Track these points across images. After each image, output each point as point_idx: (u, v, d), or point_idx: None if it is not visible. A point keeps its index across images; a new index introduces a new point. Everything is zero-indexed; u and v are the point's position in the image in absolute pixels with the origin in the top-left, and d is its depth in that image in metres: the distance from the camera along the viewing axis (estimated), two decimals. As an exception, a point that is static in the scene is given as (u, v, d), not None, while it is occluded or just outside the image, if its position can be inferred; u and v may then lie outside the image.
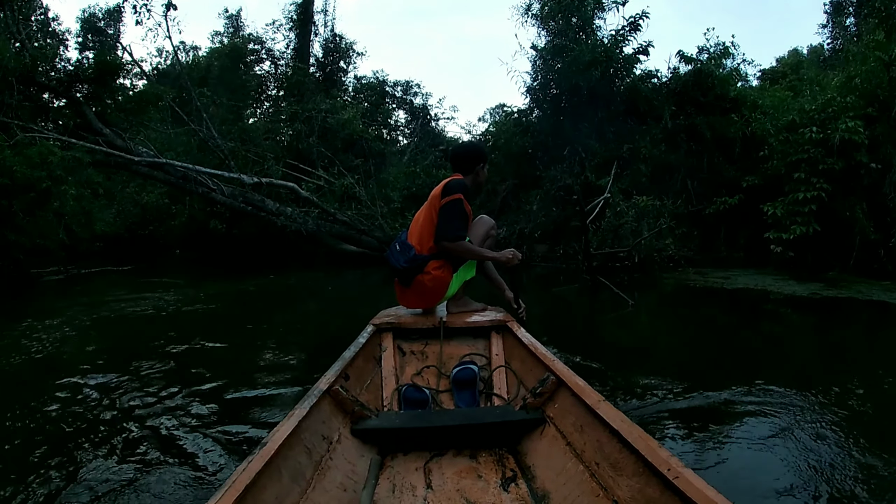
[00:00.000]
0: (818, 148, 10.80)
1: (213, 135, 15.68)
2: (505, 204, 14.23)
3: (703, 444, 2.76)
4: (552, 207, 12.82)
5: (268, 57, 22.62)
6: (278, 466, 1.45)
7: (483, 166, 3.09)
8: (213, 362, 4.41)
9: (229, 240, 18.33)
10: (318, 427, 1.76)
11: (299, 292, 9.81)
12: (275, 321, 6.50)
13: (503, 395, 2.36)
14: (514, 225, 13.13)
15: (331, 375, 2.02)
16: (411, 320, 2.79)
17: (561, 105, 14.06)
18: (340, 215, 13.64)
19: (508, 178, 14.42)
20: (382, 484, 1.75)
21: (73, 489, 2.25)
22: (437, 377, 2.54)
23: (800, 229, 10.58)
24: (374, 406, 2.24)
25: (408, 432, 1.96)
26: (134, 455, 2.58)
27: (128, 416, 3.11)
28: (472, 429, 1.96)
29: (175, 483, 2.30)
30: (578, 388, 1.85)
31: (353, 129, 18.86)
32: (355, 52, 25.30)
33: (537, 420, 1.96)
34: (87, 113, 14.29)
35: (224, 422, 3.00)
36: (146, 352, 4.61)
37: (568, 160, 13.23)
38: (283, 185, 13.89)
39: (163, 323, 6.24)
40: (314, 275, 12.45)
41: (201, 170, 13.27)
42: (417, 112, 25.52)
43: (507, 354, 2.60)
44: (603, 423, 1.62)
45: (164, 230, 20.47)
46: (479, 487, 1.73)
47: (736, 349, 5.05)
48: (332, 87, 21.81)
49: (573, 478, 1.63)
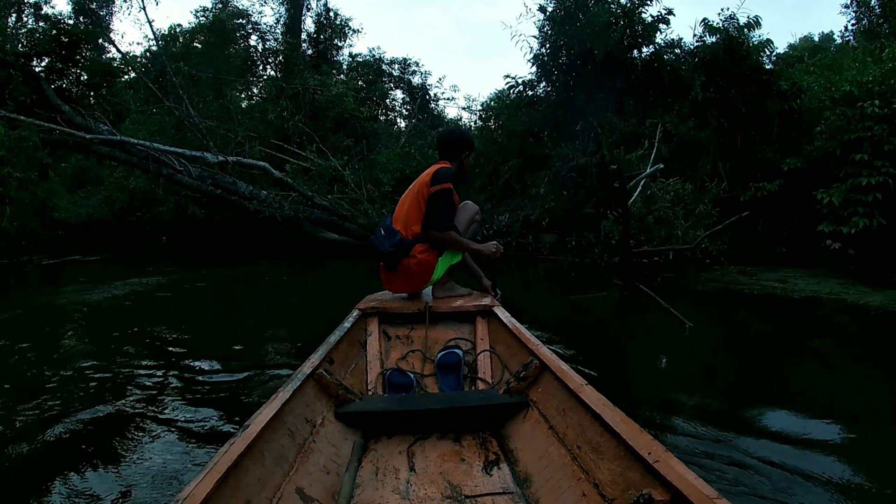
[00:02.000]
0: (882, 125, 8.77)
1: (191, 113, 13.79)
2: (508, 187, 12.19)
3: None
4: (562, 191, 10.81)
5: (254, 31, 20.48)
6: (261, 449, 1.39)
7: (468, 154, 3.02)
8: (185, 355, 4.04)
9: (210, 227, 16.83)
10: (301, 410, 1.70)
11: (262, 288, 7.94)
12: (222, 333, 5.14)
13: (487, 379, 2.31)
14: (519, 211, 11.13)
15: (315, 359, 1.95)
16: (397, 305, 2.72)
17: (572, 74, 11.96)
18: (319, 199, 11.66)
19: (512, 157, 12.33)
20: (366, 467, 1.71)
21: (54, 476, 2.11)
22: (422, 361, 2.48)
23: (862, 222, 8.57)
24: (359, 390, 2.21)
25: (391, 415, 1.91)
26: (116, 440, 2.45)
27: (108, 402, 2.97)
28: (456, 412, 1.92)
29: (157, 467, 2.18)
30: (562, 372, 1.78)
31: (344, 107, 16.99)
32: (351, 30, 23.26)
33: (520, 404, 1.90)
34: (46, 88, 12.45)
35: (205, 406, 2.89)
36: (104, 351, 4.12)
37: (580, 136, 11.19)
38: (251, 165, 11.91)
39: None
40: (286, 266, 10.66)
41: (160, 147, 11.35)
42: (416, 92, 23.43)
43: (492, 339, 2.52)
44: (585, 407, 1.56)
45: (150, 217, 19.09)
46: (462, 470, 1.69)
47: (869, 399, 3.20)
48: (324, 64, 19.75)
49: (555, 461, 1.57)
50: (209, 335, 4.86)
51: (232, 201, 11.94)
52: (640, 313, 5.70)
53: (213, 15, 20.18)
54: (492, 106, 14.50)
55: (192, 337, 4.69)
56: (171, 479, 2.10)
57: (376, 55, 22.78)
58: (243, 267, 10.78)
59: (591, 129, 11.13)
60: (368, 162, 15.16)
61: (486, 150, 13.08)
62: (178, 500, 1.06)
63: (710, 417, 2.74)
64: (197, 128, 13.54)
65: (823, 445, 2.43)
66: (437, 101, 24.28)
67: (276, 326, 5.34)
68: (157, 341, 4.43)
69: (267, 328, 5.23)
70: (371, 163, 15.03)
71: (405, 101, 23.59)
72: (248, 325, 5.41)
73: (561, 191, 10.80)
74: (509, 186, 12.11)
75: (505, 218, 11.07)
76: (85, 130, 11.66)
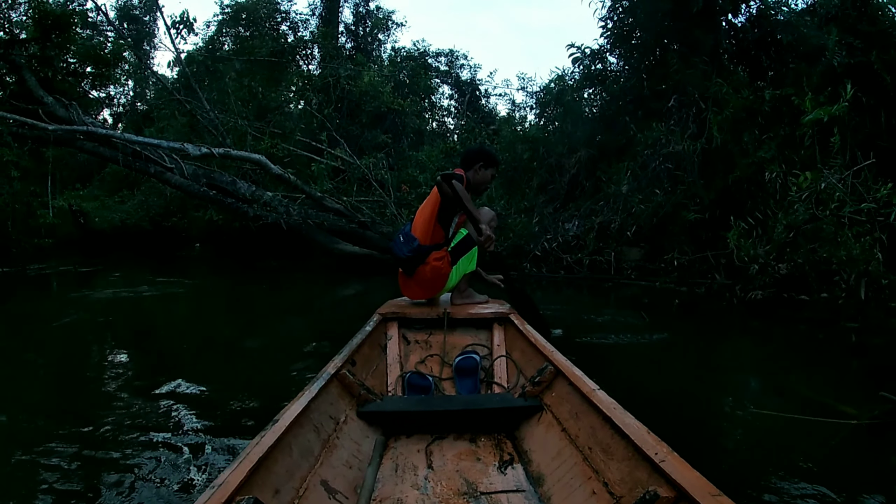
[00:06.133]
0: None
1: (205, 106, 11.29)
2: (576, 185, 8.85)
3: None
4: (654, 188, 7.42)
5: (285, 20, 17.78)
6: (289, 443, 1.41)
7: (483, 166, 2.92)
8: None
9: (245, 233, 14.13)
10: (325, 408, 1.71)
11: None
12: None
13: (503, 383, 2.30)
14: (592, 217, 7.79)
15: (338, 361, 1.96)
16: (416, 311, 2.71)
17: (660, 33, 8.50)
18: (330, 201, 8.75)
19: (579, 147, 8.98)
20: (386, 463, 1.71)
21: (82, 472, 1.99)
22: (441, 365, 2.47)
23: None
24: (380, 391, 2.19)
25: (411, 416, 1.91)
26: (150, 434, 2.34)
27: (140, 399, 2.79)
28: (473, 414, 1.91)
29: (187, 460, 2.08)
30: (575, 377, 1.78)
31: (382, 100, 14.20)
32: (394, 23, 20.28)
33: (535, 407, 1.89)
34: (28, 78, 10.13)
35: (231, 407, 2.70)
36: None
37: (675, 115, 7.76)
38: (243, 158, 9.12)
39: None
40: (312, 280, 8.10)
41: (131, 138, 8.76)
42: (465, 88, 20.26)
43: (508, 345, 2.50)
44: (597, 410, 1.55)
45: (186, 222, 16.83)
46: (478, 469, 1.68)
47: None
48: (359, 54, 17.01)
49: (567, 461, 1.57)
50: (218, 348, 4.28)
51: (228, 205, 9.17)
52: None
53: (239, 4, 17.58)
54: (551, 89, 11.14)
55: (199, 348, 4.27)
56: (202, 472, 1.98)
57: (420, 48, 19.82)
58: (254, 282, 9.08)
59: (692, 104, 7.70)
60: (405, 159, 12.32)
61: (546, 141, 9.83)
62: (214, 486, 1.08)
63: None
64: (212, 123, 11.03)
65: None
66: (489, 98, 20.99)
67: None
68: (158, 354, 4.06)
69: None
70: (410, 160, 12.18)
71: (453, 95, 20.50)
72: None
73: (652, 188, 7.41)
74: (577, 184, 8.78)
75: (573, 226, 7.78)
76: (68, 123, 9.32)
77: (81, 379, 3.38)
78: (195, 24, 13.81)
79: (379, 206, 9.56)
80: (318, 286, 8.32)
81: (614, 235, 7.52)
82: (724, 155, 7.18)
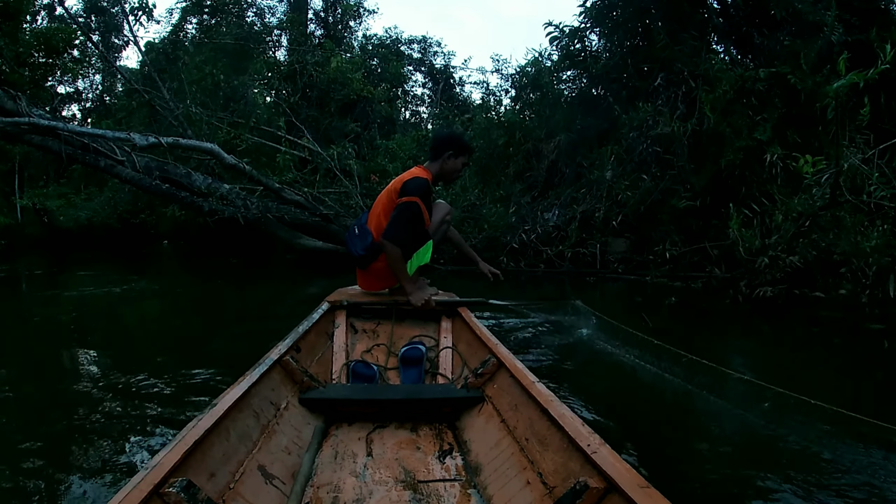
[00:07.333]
0: None
1: (165, 96, 10.31)
2: (555, 172, 8.08)
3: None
4: (641, 174, 6.69)
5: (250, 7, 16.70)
6: (227, 427, 1.37)
7: (452, 155, 2.65)
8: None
9: (210, 229, 13.35)
10: (266, 394, 1.67)
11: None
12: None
13: (447, 374, 2.27)
14: (574, 206, 7.04)
15: (282, 347, 1.91)
16: (365, 300, 2.65)
17: (646, 6, 7.73)
18: (290, 193, 7.89)
19: (559, 132, 8.20)
20: (325, 450, 1.67)
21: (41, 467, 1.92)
22: (387, 355, 2.42)
23: None
24: (324, 378, 2.16)
25: (353, 403, 1.88)
26: (83, 420, 2.36)
27: (102, 394, 2.73)
28: (415, 403, 1.88)
29: (123, 446, 2.08)
30: (516, 370, 1.75)
31: (351, 87, 13.31)
32: (366, 10, 19.28)
33: (476, 398, 1.87)
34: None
35: (173, 391, 2.73)
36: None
37: (663, 94, 7.03)
38: (194, 147, 8.20)
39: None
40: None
41: (75, 129, 7.79)
42: (438, 76, 19.42)
43: (454, 337, 2.49)
44: (535, 402, 1.54)
45: (154, 219, 16.30)
46: (417, 458, 1.66)
47: None
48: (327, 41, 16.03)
49: (504, 452, 1.55)
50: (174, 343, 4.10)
51: (181, 199, 8.25)
52: None
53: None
54: (527, 71, 10.36)
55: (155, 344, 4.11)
56: (139, 455, 1.99)
57: (393, 34, 18.92)
58: (212, 280, 8.29)
59: (680, 83, 6.98)
60: (375, 149, 11.49)
61: (522, 125, 9.06)
62: (148, 467, 1.05)
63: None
64: (171, 111, 10.06)
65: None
66: (463, 86, 20.18)
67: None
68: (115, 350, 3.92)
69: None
70: (379, 149, 11.33)
71: (426, 84, 19.65)
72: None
73: (638, 173, 6.67)
74: (557, 171, 8.00)
75: (553, 216, 7.02)
76: (17, 116, 8.30)
77: (42, 378, 3.24)
78: (154, 11, 12.94)
79: (345, 197, 8.72)
80: (280, 284, 7.48)
81: (598, 225, 6.79)
82: (715, 137, 6.49)
